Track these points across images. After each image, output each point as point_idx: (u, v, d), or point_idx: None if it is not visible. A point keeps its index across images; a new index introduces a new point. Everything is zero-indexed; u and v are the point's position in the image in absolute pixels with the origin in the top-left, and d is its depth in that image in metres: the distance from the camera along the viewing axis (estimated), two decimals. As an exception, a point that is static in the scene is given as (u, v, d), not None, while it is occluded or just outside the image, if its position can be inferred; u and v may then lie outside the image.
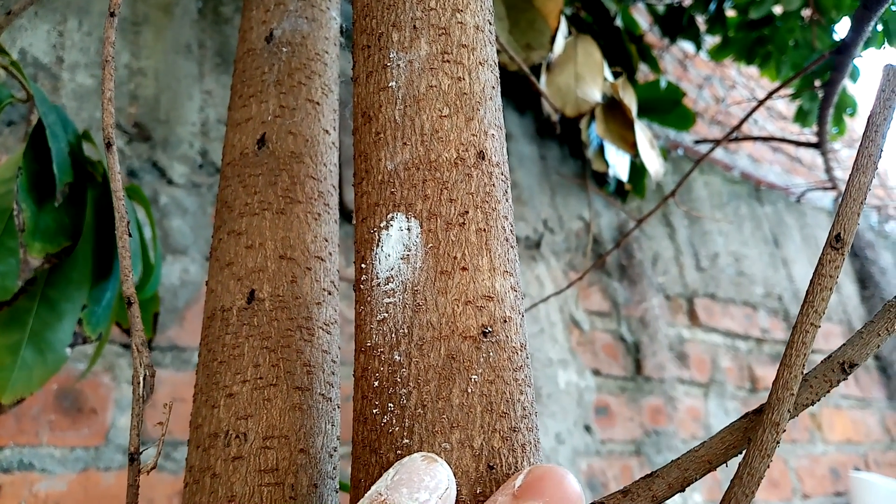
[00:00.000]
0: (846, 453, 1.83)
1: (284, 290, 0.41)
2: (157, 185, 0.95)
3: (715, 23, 1.62)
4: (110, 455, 0.81)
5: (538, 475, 0.28)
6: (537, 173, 1.50)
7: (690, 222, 1.82)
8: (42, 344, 0.60)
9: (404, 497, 0.27)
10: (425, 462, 0.29)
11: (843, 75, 1.43)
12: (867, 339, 0.32)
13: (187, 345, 0.91)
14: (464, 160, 0.36)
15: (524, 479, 0.28)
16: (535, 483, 0.27)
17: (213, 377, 0.40)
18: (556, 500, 0.27)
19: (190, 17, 1.08)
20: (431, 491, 0.28)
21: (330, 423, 0.40)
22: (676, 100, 1.54)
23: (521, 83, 1.48)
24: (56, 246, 0.57)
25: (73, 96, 0.91)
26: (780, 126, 2.58)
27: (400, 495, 0.27)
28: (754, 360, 1.76)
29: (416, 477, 0.28)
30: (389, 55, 0.38)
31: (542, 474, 0.28)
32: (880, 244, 2.46)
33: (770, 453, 0.30)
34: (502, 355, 0.33)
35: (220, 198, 0.46)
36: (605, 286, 1.51)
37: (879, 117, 0.32)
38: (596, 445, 1.29)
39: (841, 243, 0.31)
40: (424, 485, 0.28)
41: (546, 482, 0.27)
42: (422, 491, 0.27)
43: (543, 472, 0.28)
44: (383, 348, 0.33)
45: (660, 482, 0.31)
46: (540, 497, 0.27)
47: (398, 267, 0.34)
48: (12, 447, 0.75)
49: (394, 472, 0.28)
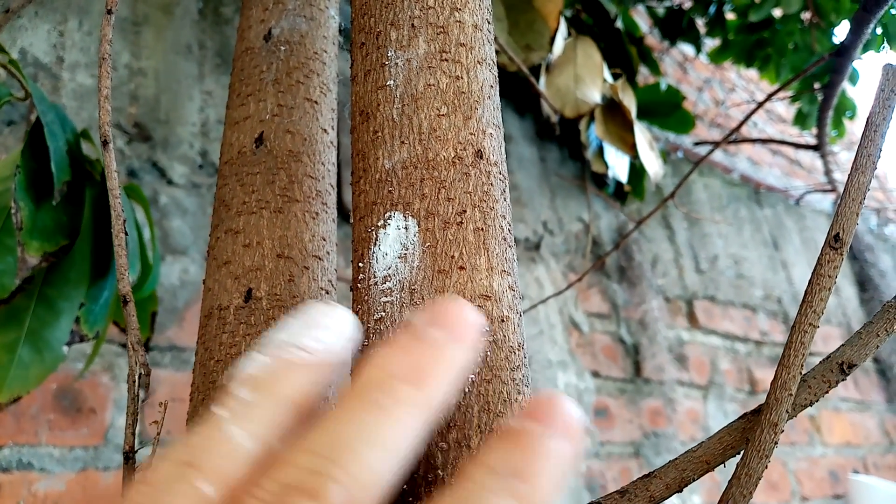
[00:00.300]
0: (845, 456, 1.83)
1: (282, 290, 0.41)
2: (157, 185, 0.95)
3: (715, 25, 1.62)
4: (109, 455, 0.81)
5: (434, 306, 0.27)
6: (537, 175, 1.50)
7: (690, 224, 1.82)
8: (39, 342, 0.60)
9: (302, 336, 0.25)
10: (325, 307, 0.27)
11: (843, 78, 1.43)
12: (866, 339, 0.32)
13: (186, 345, 0.91)
14: (462, 159, 0.36)
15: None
16: (430, 313, 0.26)
17: (209, 376, 0.39)
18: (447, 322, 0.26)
19: (190, 17, 1.08)
20: (329, 329, 0.26)
21: (327, 423, 0.40)
22: (676, 102, 1.54)
23: (521, 85, 1.48)
24: (54, 244, 0.57)
25: (74, 96, 0.91)
26: (779, 129, 2.58)
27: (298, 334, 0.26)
28: (753, 362, 1.76)
29: (313, 319, 0.26)
30: (387, 54, 0.38)
31: (438, 304, 0.27)
32: (880, 247, 2.46)
33: (768, 454, 0.30)
34: (500, 354, 0.33)
35: (217, 196, 0.46)
36: (604, 288, 1.51)
37: (879, 117, 0.32)
38: (595, 447, 1.29)
39: (840, 243, 0.31)
40: (323, 324, 0.26)
41: (440, 309, 0.26)
42: (319, 329, 0.26)
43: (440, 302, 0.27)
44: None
45: (657, 482, 0.31)
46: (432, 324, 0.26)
47: (395, 266, 0.34)
48: (11, 446, 0.75)
49: (292, 319, 0.27)
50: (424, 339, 0.25)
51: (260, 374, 0.24)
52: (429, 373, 0.25)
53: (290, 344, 0.25)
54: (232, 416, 0.23)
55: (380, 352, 0.25)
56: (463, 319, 0.26)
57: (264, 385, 0.24)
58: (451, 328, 0.26)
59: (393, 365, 0.24)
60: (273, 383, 0.24)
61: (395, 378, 0.24)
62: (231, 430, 0.23)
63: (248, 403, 0.24)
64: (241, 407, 0.23)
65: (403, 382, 0.24)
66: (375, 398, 0.24)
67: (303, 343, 0.25)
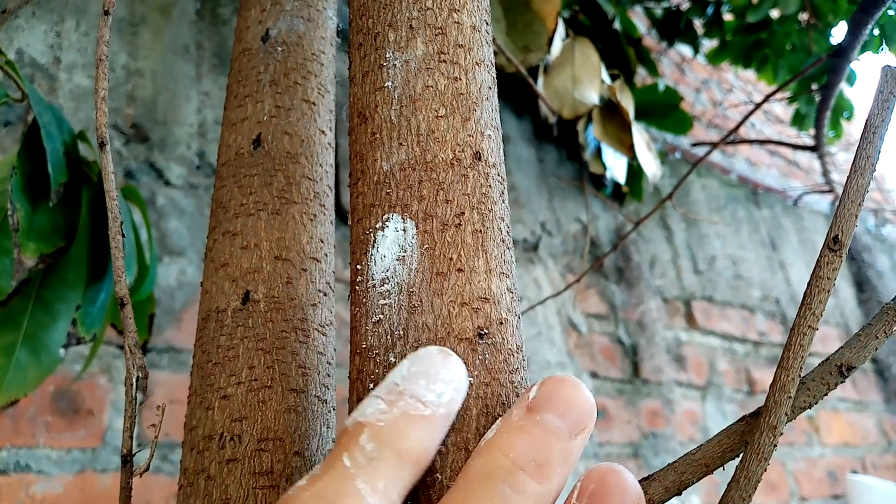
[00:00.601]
0: (843, 456, 1.83)
1: (280, 292, 0.41)
2: (154, 186, 0.95)
3: (712, 26, 1.63)
4: (107, 457, 0.80)
5: (551, 386, 0.27)
6: (535, 176, 1.50)
7: (688, 225, 1.82)
8: (36, 345, 0.59)
9: (422, 388, 0.27)
10: (441, 355, 0.28)
11: (841, 79, 1.43)
12: (865, 341, 0.32)
13: (184, 346, 0.90)
14: (460, 161, 0.36)
15: (538, 391, 0.28)
16: (548, 394, 0.27)
17: (207, 379, 0.39)
18: (568, 410, 0.27)
19: (188, 18, 1.07)
20: (447, 383, 0.27)
21: (325, 426, 0.40)
22: (674, 104, 1.54)
23: (519, 86, 1.48)
24: (51, 246, 0.57)
25: (71, 97, 0.91)
26: (777, 130, 2.58)
27: (418, 386, 0.27)
28: (752, 362, 1.76)
29: (433, 370, 0.28)
30: (385, 55, 0.38)
31: (555, 385, 0.27)
32: (877, 247, 2.46)
33: (767, 457, 0.30)
34: (498, 357, 0.33)
35: (215, 198, 0.45)
36: (602, 289, 1.51)
37: (877, 119, 0.32)
38: (593, 448, 1.29)
39: (839, 245, 0.31)
40: (441, 377, 0.27)
41: (558, 393, 0.27)
42: (439, 383, 0.27)
43: (556, 383, 0.28)
44: (378, 350, 0.33)
45: (656, 485, 0.31)
46: (553, 409, 0.27)
47: (394, 268, 0.34)
48: (8, 449, 0.75)
49: (409, 364, 0.28)
50: (546, 427, 0.26)
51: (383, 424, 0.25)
52: (554, 467, 0.26)
53: (412, 395, 0.26)
54: (357, 470, 0.24)
55: (502, 434, 0.26)
56: (581, 406, 0.27)
57: (387, 439, 0.25)
58: (571, 416, 0.27)
59: (518, 453, 0.25)
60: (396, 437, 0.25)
61: (521, 470, 0.25)
62: (358, 485, 0.24)
63: (372, 457, 0.25)
64: (365, 460, 0.24)
65: (530, 476, 0.25)
66: (503, 491, 0.25)
67: (424, 397, 0.26)
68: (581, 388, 0.28)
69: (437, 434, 0.27)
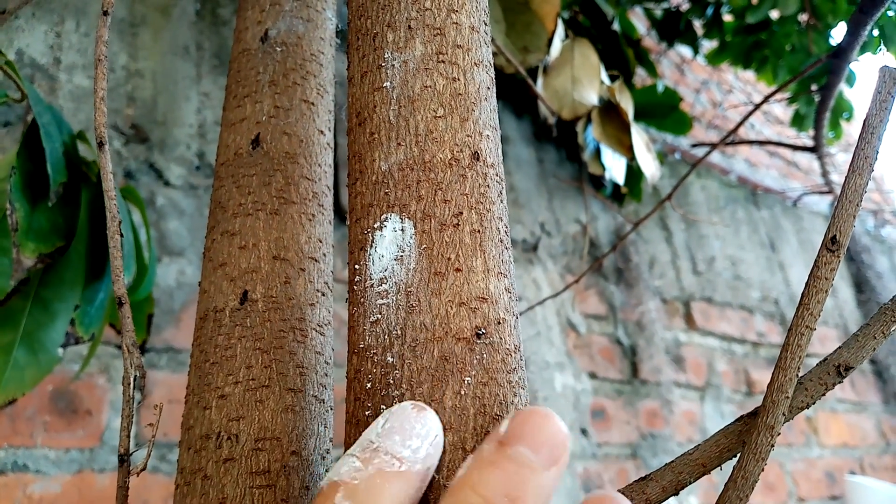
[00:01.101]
0: (842, 457, 1.83)
1: (278, 291, 0.41)
2: (153, 186, 0.95)
3: (712, 27, 1.63)
4: (105, 457, 0.80)
5: (522, 418, 0.27)
6: (534, 176, 1.50)
7: (687, 226, 1.82)
8: (35, 344, 0.59)
9: (397, 444, 0.27)
10: (415, 410, 0.28)
11: (840, 79, 1.43)
12: (863, 342, 0.32)
13: (183, 346, 0.90)
14: (458, 161, 0.36)
15: (508, 425, 0.27)
16: (519, 427, 0.27)
17: (205, 378, 0.39)
18: (540, 442, 0.26)
19: (188, 18, 1.07)
20: (423, 438, 0.28)
21: (323, 425, 0.40)
22: (673, 104, 1.54)
23: (518, 86, 1.48)
24: (49, 246, 0.57)
25: (70, 97, 0.91)
26: (776, 130, 2.58)
27: (393, 443, 0.27)
28: (750, 363, 1.76)
29: (408, 424, 0.28)
30: (384, 55, 0.38)
31: (526, 417, 0.27)
32: (876, 248, 2.46)
33: (764, 457, 0.30)
34: (496, 357, 0.33)
35: (213, 198, 0.45)
36: (601, 289, 1.51)
37: (875, 119, 0.32)
38: (592, 449, 1.29)
39: (837, 245, 0.31)
40: (416, 432, 0.28)
41: (530, 425, 0.27)
42: (414, 438, 0.27)
43: (527, 416, 0.27)
44: (376, 350, 0.33)
45: (654, 485, 0.31)
46: (525, 442, 0.26)
47: (392, 268, 0.34)
48: (6, 448, 0.75)
49: (383, 421, 0.28)
50: (519, 461, 0.26)
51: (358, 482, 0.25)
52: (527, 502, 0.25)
53: (386, 451, 0.26)
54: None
55: (473, 471, 0.26)
56: (554, 437, 0.27)
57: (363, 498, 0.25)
58: (544, 449, 0.26)
59: (490, 490, 0.25)
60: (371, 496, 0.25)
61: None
62: None
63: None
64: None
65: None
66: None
67: (399, 453, 0.26)
68: (553, 418, 0.27)
69: (412, 491, 0.27)
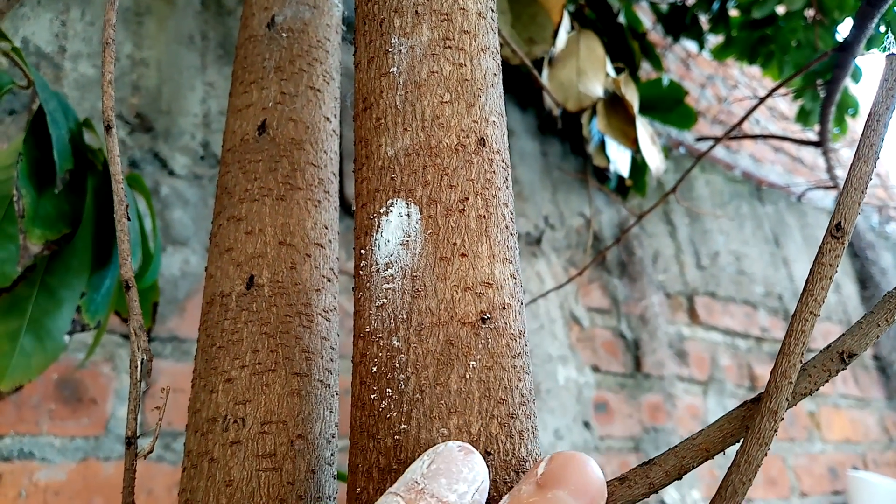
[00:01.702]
0: (844, 452, 1.83)
1: (284, 277, 0.41)
2: (158, 175, 0.95)
3: (718, 22, 1.62)
4: (110, 445, 0.81)
5: (561, 462, 0.27)
6: (539, 169, 1.50)
7: (691, 220, 1.82)
8: (41, 331, 0.60)
9: (443, 488, 0.26)
10: (462, 453, 0.28)
11: (846, 73, 1.43)
12: (867, 329, 0.32)
13: (187, 336, 0.91)
14: (464, 146, 0.36)
15: (546, 467, 0.27)
16: (559, 470, 0.26)
17: (211, 362, 0.40)
18: (579, 487, 0.26)
19: (193, 7, 1.07)
20: (469, 483, 0.27)
21: (328, 410, 0.40)
22: (678, 98, 1.53)
23: (524, 79, 1.48)
24: (56, 233, 0.57)
25: (76, 86, 0.91)
26: (782, 126, 2.58)
27: (439, 486, 0.26)
28: (754, 358, 1.76)
29: (455, 468, 0.27)
30: (391, 41, 0.38)
31: (566, 461, 0.27)
32: (881, 245, 2.46)
33: (768, 441, 0.30)
34: (501, 342, 0.33)
35: (220, 184, 0.46)
36: (605, 283, 1.51)
37: (881, 107, 0.32)
38: (595, 442, 1.29)
39: (841, 232, 0.31)
40: (463, 476, 0.27)
41: (569, 469, 0.26)
42: (461, 483, 0.26)
43: (567, 459, 0.27)
44: (382, 334, 0.33)
45: (657, 470, 0.31)
46: (564, 486, 0.26)
47: (397, 253, 0.34)
48: (12, 436, 0.75)
49: (429, 461, 0.27)
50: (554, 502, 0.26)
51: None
52: None
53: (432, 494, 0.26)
54: None
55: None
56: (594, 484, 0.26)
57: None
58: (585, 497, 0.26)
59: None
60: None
61: None
62: None
63: None
64: None
65: None
66: None
67: (446, 497, 0.26)
68: (592, 464, 0.27)
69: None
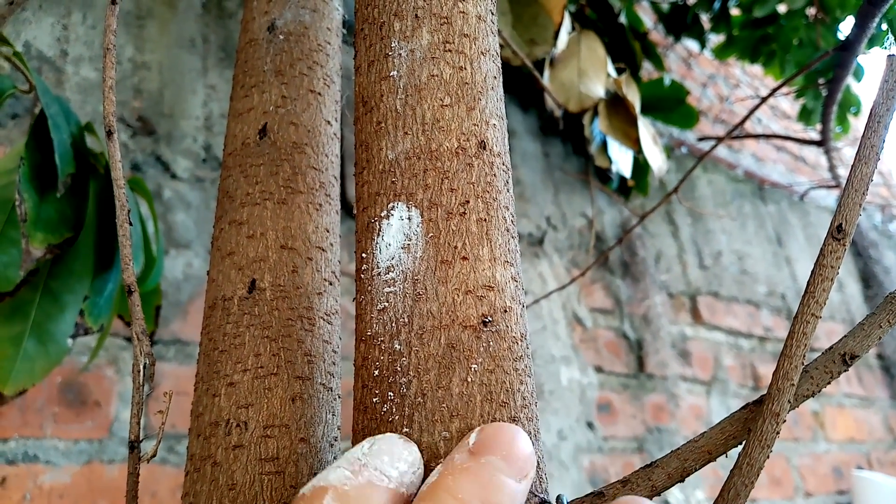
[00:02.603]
0: (849, 452, 1.82)
1: (285, 280, 0.41)
2: (160, 179, 0.95)
3: (719, 21, 1.62)
4: (114, 448, 0.81)
5: (491, 432, 0.29)
6: (540, 170, 1.50)
7: (694, 220, 1.82)
8: (44, 335, 0.60)
9: (385, 464, 0.28)
10: (402, 440, 0.30)
11: (848, 72, 1.42)
12: (868, 330, 0.32)
13: (190, 339, 0.91)
14: (465, 150, 0.36)
15: (478, 436, 0.29)
16: (490, 440, 0.28)
17: (213, 366, 0.40)
18: (510, 454, 0.28)
19: (194, 11, 1.08)
20: (409, 465, 0.29)
21: (330, 413, 0.40)
22: (680, 98, 1.53)
23: (525, 80, 1.48)
24: (58, 237, 0.57)
25: (77, 90, 0.92)
26: (784, 125, 2.57)
27: (381, 462, 0.28)
28: (757, 358, 1.75)
29: (396, 450, 0.29)
30: (391, 44, 0.38)
31: (496, 431, 0.29)
32: (884, 244, 2.45)
33: (770, 444, 0.30)
34: (502, 345, 0.33)
35: (221, 187, 0.46)
36: (608, 283, 1.51)
37: (882, 108, 0.32)
38: (598, 442, 1.29)
39: (842, 234, 0.31)
40: (403, 458, 0.29)
41: (500, 438, 0.28)
42: (401, 462, 0.28)
43: (497, 429, 0.29)
44: (383, 337, 0.33)
45: (659, 472, 0.31)
46: (495, 452, 0.28)
47: (399, 256, 0.34)
48: (17, 439, 0.75)
49: (369, 445, 0.29)
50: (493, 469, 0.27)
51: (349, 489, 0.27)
52: None
53: (375, 468, 0.28)
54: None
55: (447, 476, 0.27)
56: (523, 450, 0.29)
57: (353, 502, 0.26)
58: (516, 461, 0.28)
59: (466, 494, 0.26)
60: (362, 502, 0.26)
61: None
62: None
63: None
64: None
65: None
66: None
67: (387, 471, 0.28)
68: (522, 434, 0.29)
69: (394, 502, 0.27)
